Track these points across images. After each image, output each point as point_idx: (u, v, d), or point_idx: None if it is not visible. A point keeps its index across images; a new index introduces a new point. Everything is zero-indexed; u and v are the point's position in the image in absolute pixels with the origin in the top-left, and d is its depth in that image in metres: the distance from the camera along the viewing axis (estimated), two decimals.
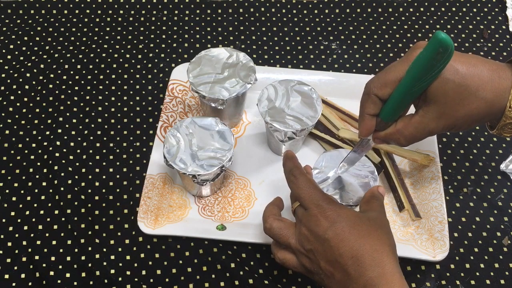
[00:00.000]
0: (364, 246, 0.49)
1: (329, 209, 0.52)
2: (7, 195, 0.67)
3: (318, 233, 0.51)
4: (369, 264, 0.48)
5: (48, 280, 0.61)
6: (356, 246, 0.49)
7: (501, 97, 0.48)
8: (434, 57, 0.43)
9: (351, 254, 0.49)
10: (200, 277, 0.62)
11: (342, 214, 0.51)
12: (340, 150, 0.64)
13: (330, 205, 0.52)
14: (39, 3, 0.86)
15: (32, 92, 0.76)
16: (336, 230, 0.50)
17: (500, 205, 0.68)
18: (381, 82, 0.51)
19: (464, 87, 0.48)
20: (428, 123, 0.51)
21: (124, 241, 0.64)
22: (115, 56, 0.81)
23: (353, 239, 0.50)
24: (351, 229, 0.50)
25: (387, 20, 0.87)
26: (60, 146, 0.71)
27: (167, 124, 0.72)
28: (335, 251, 0.50)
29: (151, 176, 0.67)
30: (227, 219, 0.66)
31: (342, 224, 0.50)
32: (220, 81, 0.66)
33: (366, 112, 0.53)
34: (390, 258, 0.49)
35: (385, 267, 0.48)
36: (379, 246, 0.50)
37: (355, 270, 0.49)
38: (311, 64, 0.81)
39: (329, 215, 0.51)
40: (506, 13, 0.88)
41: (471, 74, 0.48)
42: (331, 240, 0.50)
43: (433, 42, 0.43)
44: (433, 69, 0.45)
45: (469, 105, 0.48)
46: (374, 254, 0.49)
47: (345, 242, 0.50)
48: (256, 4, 0.87)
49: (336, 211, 0.52)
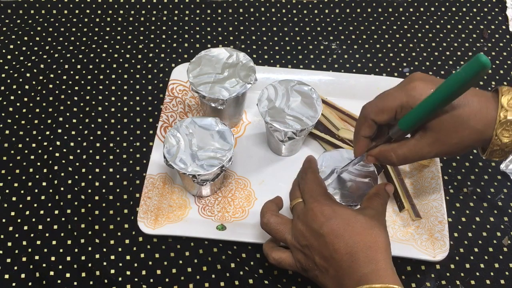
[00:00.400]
0: (358, 244, 0.51)
1: (326, 205, 0.54)
2: (7, 195, 0.67)
3: (314, 228, 0.53)
4: (363, 261, 0.50)
5: (48, 280, 0.61)
6: (350, 243, 0.51)
7: (489, 126, 0.50)
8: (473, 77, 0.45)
9: (345, 250, 0.51)
10: (200, 277, 0.62)
11: (338, 211, 0.53)
12: (340, 150, 0.64)
13: (328, 201, 0.55)
14: (39, 3, 0.86)
15: (32, 92, 0.76)
16: (332, 226, 0.52)
17: (500, 205, 0.68)
18: (379, 108, 0.53)
19: (457, 117, 0.50)
20: (422, 147, 0.53)
21: (124, 241, 0.64)
22: (115, 56, 0.81)
23: (347, 236, 0.51)
24: (346, 226, 0.52)
25: (387, 20, 0.87)
26: (60, 146, 0.71)
27: (167, 124, 0.72)
28: (330, 246, 0.51)
29: (151, 176, 0.67)
30: (227, 219, 0.66)
31: (338, 220, 0.52)
32: (220, 81, 0.66)
33: (361, 134, 0.56)
34: (384, 255, 0.51)
35: (378, 263, 0.50)
36: (373, 243, 0.51)
37: (349, 266, 0.50)
38: (311, 64, 0.81)
39: (325, 210, 0.53)
40: (506, 13, 0.88)
41: (463, 104, 0.50)
42: (327, 236, 0.52)
43: (475, 65, 0.45)
44: (466, 88, 0.47)
45: (462, 132, 0.51)
46: (368, 251, 0.51)
47: (340, 238, 0.51)
48: (256, 4, 0.87)
49: (332, 208, 0.54)
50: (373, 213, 0.55)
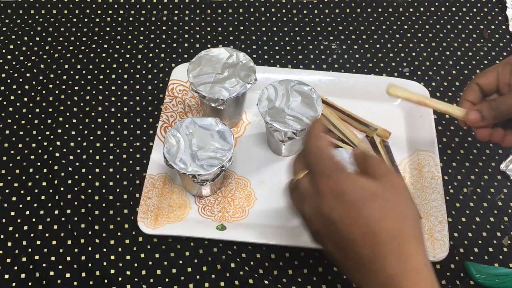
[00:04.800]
0: (380, 232, 0.40)
1: (336, 181, 0.42)
2: (7, 195, 0.67)
3: (323, 212, 0.42)
4: (387, 258, 0.40)
5: (48, 280, 0.61)
6: (369, 232, 0.40)
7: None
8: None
9: (363, 242, 0.40)
10: (200, 277, 0.62)
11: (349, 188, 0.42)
12: (340, 150, 0.64)
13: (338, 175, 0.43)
14: (39, 3, 0.86)
15: (32, 92, 0.76)
16: (343, 209, 0.41)
17: (500, 205, 0.68)
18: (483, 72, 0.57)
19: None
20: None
21: (124, 241, 0.64)
22: (115, 56, 0.81)
23: (364, 222, 0.40)
24: (361, 208, 0.41)
25: (387, 20, 0.87)
26: (60, 146, 0.71)
27: (167, 124, 0.72)
28: (344, 235, 0.41)
29: (151, 176, 0.67)
30: (227, 219, 0.66)
31: (350, 201, 0.41)
32: (220, 81, 0.66)
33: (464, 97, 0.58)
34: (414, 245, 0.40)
35: (409, 260, 0.40)
36: (399, 231, 0.40)
37: (371, 263, 0.40)
38: (311, 64, 0.81)
39: (334, 187, 0.42)
40: (506, 13, 0.88)
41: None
42: (338, 223, 0.41)
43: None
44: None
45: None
46: (394, 242, 0.40)
47: (355, 226, 0.41)
48: (256, 4, 0.87)
49: (341, 184, 0.42)
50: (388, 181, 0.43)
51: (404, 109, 0.75)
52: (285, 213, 0.66)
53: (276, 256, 0.64)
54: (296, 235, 0.64)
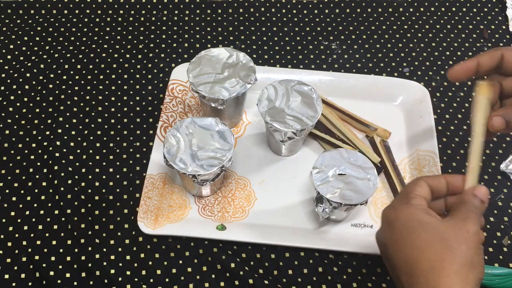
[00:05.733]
0: (419, 262, 0.40)
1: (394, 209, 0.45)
2: (7, 195, 0.67)
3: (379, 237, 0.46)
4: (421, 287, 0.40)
5: (48, 280, 0.61)
6: (410, 260, 0.41)
7: None
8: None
9: (405, 269, 0.41)
10: (200, 277, 0.62)
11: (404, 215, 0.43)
12: (340, 150, 0.64)
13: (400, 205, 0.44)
14: (39, 3, 0.86)
15: (32, 92, 0.76)
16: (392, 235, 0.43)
17: (500, 205, 0.68)
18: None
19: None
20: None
21: (124, 241, 0.64)
22: (115, 56, 0.81)
23: (408, 250, 0.41)
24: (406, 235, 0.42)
25: (387, 20, 0.87)
26: (60, 146, 0.71)
27: (167, 124, 0.72)
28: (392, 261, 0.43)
29: (151, 176, 0.67)
30: (227, 219, 0.66)
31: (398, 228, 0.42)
32: (220, 81, 0.66)
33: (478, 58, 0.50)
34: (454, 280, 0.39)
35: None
36: (440, 262, 0.40)
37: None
38: (311, 64, 0.81)
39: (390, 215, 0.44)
40: (506, 13, 0.88)
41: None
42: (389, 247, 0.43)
43: None
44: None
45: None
46: (429, 274, 0.40)
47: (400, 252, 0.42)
48: (256, 4, 0.87)
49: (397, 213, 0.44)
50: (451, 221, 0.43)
51: (404, 109, 0.75)
52: (285, 213, 0.67)
53: (276, 256, 0.64)
54: (296, 235, 0.64)
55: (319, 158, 0.63)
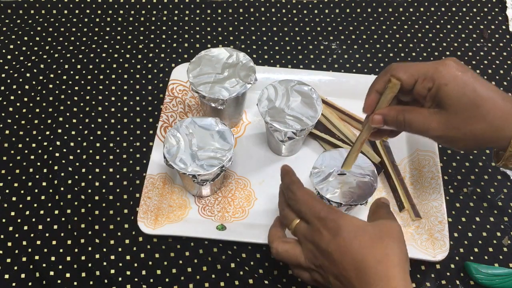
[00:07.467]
0: (367, 257, 0.47)
1: (330, 220, 0.50)
2: (7, 195, 0.67)
3: (321, 247, 0.49)
4: (372, 278, 0.46)
5: (48, 280, 0.61)
6: (358, 258, 0.47)
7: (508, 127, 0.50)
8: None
9: (354, 266, 0.47)
10: (200, 277, 0.62)
11: (344, 224, 0.49)
12: (340, 149, 0.64)
13: (331, 216, 0.50)
14: (39, 3, 0.86)
15: (32, 92, 0.76)
16: (338, 242, 0.48)
17: (500, 205, 0.68)
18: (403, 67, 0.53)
19: (477, 106, 0.50)
20: (431, 121, 0.52)
21: (124, 241, 0.64)
22: (115, 56, 0.81)
23: (355, 251, 0.47)
24: (353, 239, 0.48)
25: (387, 20, 0.87)
26: (60, 146, 0.71)
27: (167, 124, 0.72)
28: (338, 264, 0.48)
29: (151, 176, 0.67)
30: (227, 219, 0.66)
31: (344, 235, 0.48)
32: (220, 81, 0.66)
33: (375, 87, 0.54)
34: (397, 270, 0.46)
35: (391, 281, 0.46)
36: (383, 257, 0.47)
37: (360, 283, 0.47)
38: (311, 64, 0.81)
39: (331, 227, 0.49)
40: (506, 13, 0.88)
41: (487, 97, 0.50)
42: (334, 253, 0.48)
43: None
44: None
45: (476, 124, 0.50)
46: (378, 266, 0.46)
47: (348, 254, 0.48)
48: (256, 4, 0.87)
49: (337, 222, 0.49)
50: (381, 222, 0.51)
51: None
52: None
53: None
54: None
55: (319, 158, 0.63)
